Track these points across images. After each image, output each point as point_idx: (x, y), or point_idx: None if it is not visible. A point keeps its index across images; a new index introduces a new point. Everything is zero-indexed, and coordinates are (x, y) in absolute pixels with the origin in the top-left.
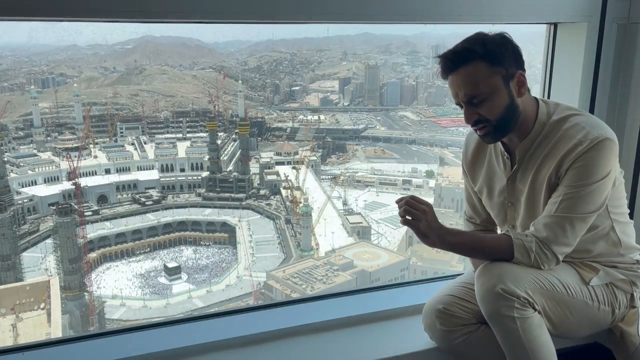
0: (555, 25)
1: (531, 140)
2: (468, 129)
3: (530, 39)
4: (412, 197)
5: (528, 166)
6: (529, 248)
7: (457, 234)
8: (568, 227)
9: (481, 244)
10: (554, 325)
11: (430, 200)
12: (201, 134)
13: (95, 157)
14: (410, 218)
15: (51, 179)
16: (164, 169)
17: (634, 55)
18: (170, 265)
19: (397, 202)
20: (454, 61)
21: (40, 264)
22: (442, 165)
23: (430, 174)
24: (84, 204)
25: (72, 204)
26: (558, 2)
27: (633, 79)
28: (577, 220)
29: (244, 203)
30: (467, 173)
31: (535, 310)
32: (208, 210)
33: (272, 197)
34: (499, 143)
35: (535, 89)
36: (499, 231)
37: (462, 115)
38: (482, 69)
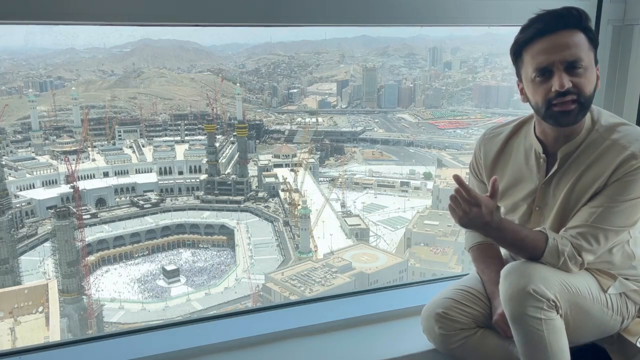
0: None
1: (576, 144)
2: (466, 130)
3: None
4: (460, 184)
5: (568, 171)
6: (562, 251)
7: (496, 229)
8: (601, 237)
9: (522, 242)
10: (568, 330)
11: (428, 202)
12: (199, 137)
13: (94, 160)
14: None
15: (49, 182)
16: (162, 171)
17: (629, 56)
18: (169, 268)
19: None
20: (565, 20)
21: (39, 267)
22: (440, 167)
23: (428, 176)
24: (83, 207)
25: (71, 207)
26: (553, 4)
27: (628, 80)
28: (610, 232)
29: (242, 205)
30: (486, 178)
31: (559, 313)
32: (206, 213)
33: (270, 199)
34: (535, 142)
35: None
36: None
37: (460, 118)
38: (584, 41)
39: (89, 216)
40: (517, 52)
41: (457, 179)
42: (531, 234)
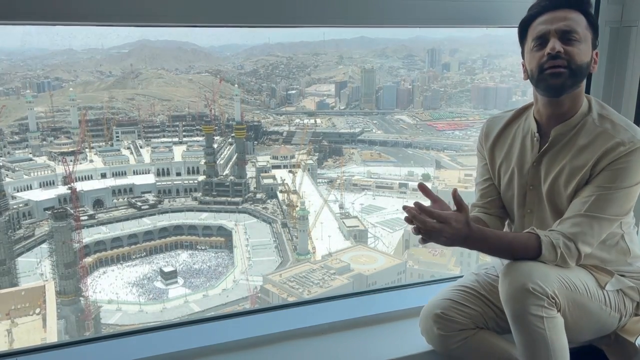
0: None
1: (570, 126)
2: (464, 132)
3: None
4: (421, 209)
5: (560, 152)
6: (557, 245)
7: (479, 240)
8: (596, 226)
9: (509, 247)
10: (567, 328)
11: (426, 203)
12: (197, 138)
13: (91, 161)
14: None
15: (47, 184)
16: (160, 173)
17: (627, 58)
18: (167, 269)
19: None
20: (569, 0)
21: (36, 268)
22: (438, 168)
23: (426, 177)
24: (80, 209)
25: (68, 208)
26: None
27: (626, 82)
28: (604, 221)
29: (240, 207)
30: (487, 156)
31: (559, 311)
32: (204, 214)
33: (268, 200)
34: (532, 123)
35: (530, 92)
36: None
37: (459, 119)
38: (582, 21)
39: (86, 217)
40: (523, 29)
41: (417, 204)
42: (518, 236)
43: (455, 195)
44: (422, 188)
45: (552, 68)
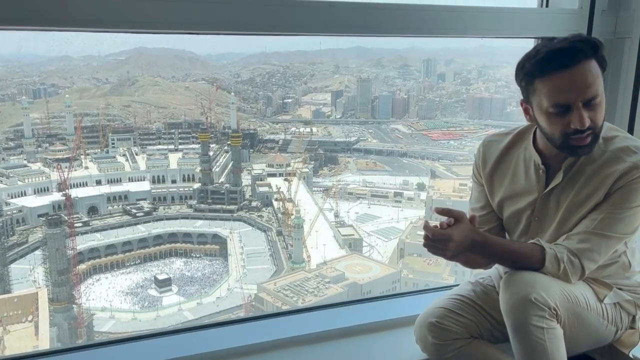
0: (543, 40)
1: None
2: (459, 142)
3: (519, 53)
4: (432, 232)
5: (569, 183)
6: (561, 259)
7: (483, 247)
8: (603, 244)
9: (513, 256)
10: (564, 339)
11: (421, 212)
12: (193, 146)
13: (86, 168)
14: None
15: (41, 190)
16: (156, 180)
17: (620, 70)
18: (161, 277)
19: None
20: (584, 52)
21: (29, 275)
22: (433, 177)
23: (421, 187)
24: (74, 215)
25: (62, 215)
26: (545, 17)
27: (619, 94)
28: (612, 239)
29: (235, 215)
30: (485, 184)
31: (559, 322)
32: (199, 222)
33: (263, 208)
34: (534, 154)
35: None
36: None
37: (454, 129)
38: (598, 72)
39: (80, 224)
40: (530, 81)
41: (425, 224)
42: (523, 245)
43: (441, 223)
44: (440, 211)
45: (579, 140)
